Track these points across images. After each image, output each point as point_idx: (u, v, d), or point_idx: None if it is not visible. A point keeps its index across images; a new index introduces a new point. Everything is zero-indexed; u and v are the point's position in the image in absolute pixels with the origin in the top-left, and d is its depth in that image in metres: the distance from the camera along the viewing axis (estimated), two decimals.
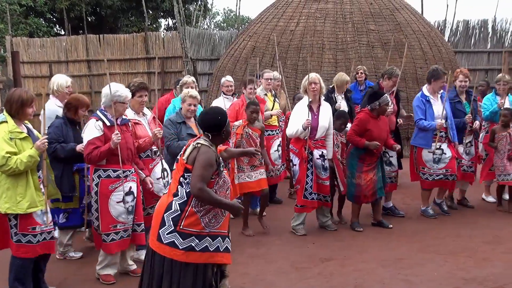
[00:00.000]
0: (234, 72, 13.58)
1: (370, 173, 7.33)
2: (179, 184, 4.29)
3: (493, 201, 8.76)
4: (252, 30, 14.27)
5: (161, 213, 4.29)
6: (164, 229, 4.23)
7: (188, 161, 4.24)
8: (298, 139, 7.22)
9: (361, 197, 7.41)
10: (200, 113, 4.60)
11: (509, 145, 8.13)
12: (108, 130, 5.52)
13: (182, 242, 4.20)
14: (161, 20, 28.15)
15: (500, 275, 5.85)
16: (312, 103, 7.24)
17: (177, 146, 6.43)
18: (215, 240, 4.31)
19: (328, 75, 12.48)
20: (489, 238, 7.06)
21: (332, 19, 13.37)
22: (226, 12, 42.94)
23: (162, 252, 4.23)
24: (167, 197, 4.35)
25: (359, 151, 7.33)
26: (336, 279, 5.84)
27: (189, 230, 4.22)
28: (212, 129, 4.38)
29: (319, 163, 7.18)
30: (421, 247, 6.78)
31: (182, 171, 4.28)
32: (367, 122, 7.24)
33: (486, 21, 17.86)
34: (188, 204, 4.23)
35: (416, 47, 13.17)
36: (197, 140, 4.35)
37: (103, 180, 5.54)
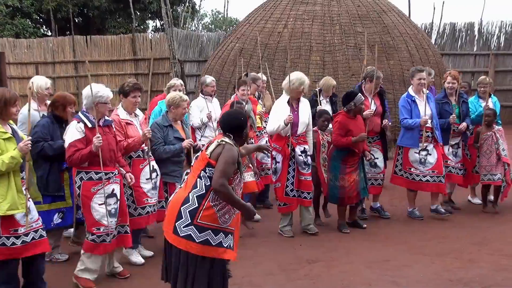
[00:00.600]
0: (221, 74, 13.57)
1: (353, 174, 7.37)
2: (198, 177, 4.38)
3: (479, 202, 8.80)
4: (239, 31, 14.27)
5: (177, 206, 4.35)
6: (180, 222, 4.31)
7: (212, 156, 4.34)
8: (280, 137, 7.25)
9: (345, 199, 7.42)
10: (222, 115, 4.73)
11: (495, 144, 8.17)
12: (89, 132, 5.47)
13: (199, 235, 4.28)
14: (148, 21, 28.06)
15: (486, 276, 5.88)
16: (291, 99, 7.24)
17: (163, 151, 6.44)
18: (227, 236, 4.41)
19: (315, 77, 12.50)
20: (475, 240, 7.10)
21: (319, 21, 13.38)
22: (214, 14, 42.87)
23: (178, 244, 4.32)
24: (184, 190, 4.41)
25: (341, 153, 7.37)
26: (323, 281, 5.84)
27: (206, 224, 4.30)
28: (234, 130, 4.51)
29: (301, 159, 7.22)
30: (408, 249, 6.80)
31: (203, 165, 4.38)
32: (347, 123, 7.30)
33: (473, 24, 18.01)
34: (206, 197, 4.33)
35: (403, 49, 13.22)
36: (221, 137, 4.46)
37: (85, 182, 5.50)
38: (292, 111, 7.19)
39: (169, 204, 4.49)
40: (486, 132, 8.23)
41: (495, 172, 8.14)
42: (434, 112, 7.87)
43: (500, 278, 5.82)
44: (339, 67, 12.70)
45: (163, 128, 6.54)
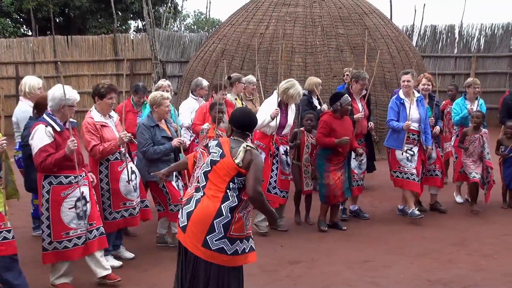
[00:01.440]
0: (203, 75, 13.52)
1: (338, 172, 7.42)
2: (228, 189, 4.20)
3: (461, 201, 8.89)
4: (221, 33, 14.26)
5: (209, 219, 4.15)
6: (213, 235, 4.14)
7: (243, 165, 4.18)
8: (264, 135, 7.35)
9: (330, 197, 7.47)
10: (236, 113, 4.56)
11: (481, 147, 8.25)
12: (58, 136, 5.35)
13: (231, 247, 4.18)
14: (130, 22, 27.98)
15: (465, 276, 5.93)
16: (282, 102, 7.38)
17: (153, 151, 6.43)
18: (248, 241, 4.34)
19: (297, 79, 12.35)
20: (454, 240, 7.16)
21: (301, 23, 13.43)
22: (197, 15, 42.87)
23: (209, 258, 4.16)
24: (212, 202, 4.18)
25: (326, 151, 7.42)
26: (304, 282, 5.85)
27: (237, 235, 4.21)
28: (249, 128, 4.45)
29: (284, 158, 7.40)
30: (388, 249, 6.84)
31: (231, 175, 4.19)
32: (331, 123, 7.35)
33: (453, 27, 18.18)
34: (237, 209, 4.21)
35: (385, 51, 13.31)
36: (244, 143, 4.31)
37: (55, 187, 5.35)
38: (281, 113, 7.31)
39: (197, 216, 4.20)
40: (474, 134, 8.30)
41: (478, 171, 8.22)
42: (423, 116, 7.90)
43: (479, 278, 5.88)
44: (321, 69, 12.75)
45: (150, 128, 6.52)
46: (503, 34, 17.87)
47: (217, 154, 4.27)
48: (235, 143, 4.31)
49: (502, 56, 17.68)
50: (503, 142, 8.56)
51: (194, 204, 4.24)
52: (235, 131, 4.41)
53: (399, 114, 7.87)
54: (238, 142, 4.31)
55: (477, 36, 18.14)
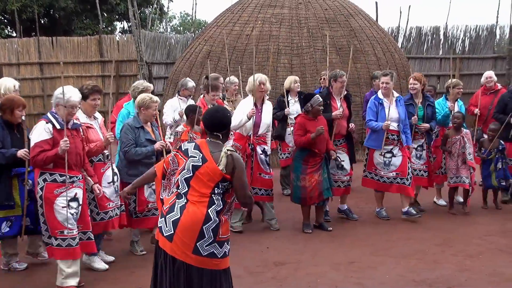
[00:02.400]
0: (189, 76, 13.48)
1: (315, 174, 7.43)
2: (213, 194, 4.15)
3: (444, 204, 8.92)
4: (207, 34, 14.24)
5: (197, 226, 4.08)
6: (203, 241, 4.10)
7: (227, 171, 4.13)
8: (241, 136, 7.44)
9: (307, 199, 7.49)
10: (208, 113, 4.44)
11: (462, 148, 8.29)
12: (57, 134, 5.40)
13: (220, 250, 4.18)
14: (116, 23, 27.86)
15: (450, 276, 5.96)
16: (256, 101, 7.48)
17: (134, 152, 6.40)
18: (229, 242, 4.35)
19: (283, 80, 12.49)
20: (439, 241, 7.19)
21: (287, 24, 13.44)
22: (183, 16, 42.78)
23: (201, 264, 4.13)
24: (199, 208, 4.10)
25: (302, 153, 7.46)
26: (290, 283, 5.85)
27: (225, 237, 4.22)
28: (223, 128, 4.34)
29: (263, 158, 7.49)
30: (374, 250, 6.86)
31: (215, 181, 4.13)
32: (304, 124, 7.40)
33: (438, 28, 18.24)
34: (222, 212, 4.19)
35: (370, 52, 13.35)
36: (225, 147, 4.22)
37: (49, 184, 5.41)
38: (257, 112, 7.39)
39: (185, 223, 4.09)
40: (455, 136, 8.34)
41: (461, 175, 8.26)
42: (402, 116, 7.94)
43: (463, 278, 5.91)
44: (307, 70, 12.77)
45: (134, 129, 6.48)
46: (488, 35, 17.97)
47: (197, 158, 4.18)
48: (213, 146, 4.24)
49: (486, 58, 17.77)
50: (484, 145, 8.62)
51: (179, 211, 4.14)
52: (209, 133, 4.35)
53: (378, 114, 7.91)
54: (217, 145, 4.24)
55: (462, 37, 18.21)
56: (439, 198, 9.10)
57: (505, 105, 8.94)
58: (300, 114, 7.66)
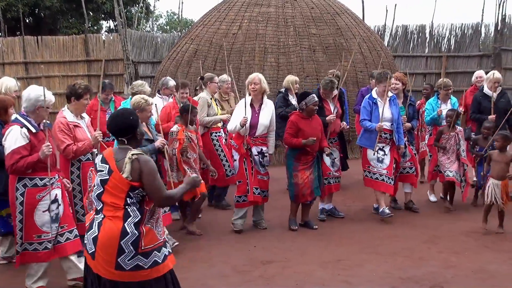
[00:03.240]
0: (176, 75, 13.45)
1: (307, 171, 7.46)
2: (126, 205, 3.96)
3: (435, 200, 8.98)
4: (194, 33, 14.21)
5: (115, 242, 3.90)
6: (124, 256, 3.91)
7: (133, 178, 3.92)
8: (239, 136, 7.39)
9: (299, 196, 7.52)
10: (109, 118, 4.23)
11: (457, 145, 8.34)
12: (34, 137, 5.29)
13: (147, 261, 3.98)
14: (102, 22, 27.71)
15: (436, 274, 5.99)
16: (253, 101, 7.43)
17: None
18: (166, 246, 4.18)
19: (270, 79, 12.56)
20: (425, 238, 7.22)
21: (274, 23, 13.44)
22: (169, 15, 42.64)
23: (127, 278, 3.95)
24: (114, 223, 3.93)
25: (294, 151, 7.48)
26: (277, 282, 5.85)
27: (151, 247, 4.01)
28: (127, 132, 4.09)
29: (257, 159, 7.42)
30: (361, 248, 6.88)
31: (125, 191, 3.94)
32: (298, 122, 7.39)
33: (424, 27, 18.34)
34: (142, 222, 3.99)
35: (357, 51, 13.38)
36: (129, 152, 3.97)
37: (30, 189, 5.28)
38: (253, 113, 7.34)
39: (102, 240, 3.94)
40: (450, 132, 8.38)
41: (452, 169, 8.31)
42: (395, 115, 7.96)
43: (449, 275, 5.94)
44: (293, 69, 12.77)
45: None
46: (473, 34, 18.09)
47: (104, 171, 4.01)
48: (120, 153, 4.04)
49: (472, 56, 17.89)
50: (479, 143, 8.62)
51: (97, 228, 3.99)
52: (116, 139, 4.17)
53: (372, 113, 7.93)
54: (124, 151, 4.02)
55: (448, 36, 18.32)
56: (432, 193, 9.14)
57: (479, 104, 9.00)
58: (295, 112, 7.64)
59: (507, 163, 7.34)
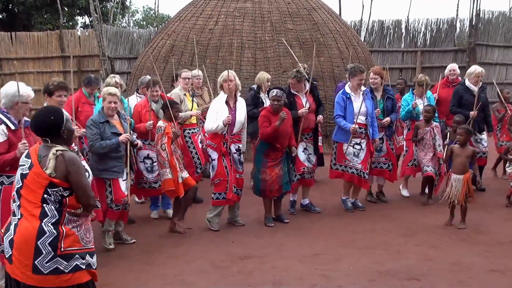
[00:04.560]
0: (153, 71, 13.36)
1: (275, 168, 7.47)
2: (43, 202, 3.79)
3: (407, 195, 9.05)
4: (170, 28, 14.12)
5: (31, 242, 3.73)
6: (41, 258, 3.73)
7: (57, 175, 3.78)
8: (216, 134, 7.30)
9: (266, 192, 7.55)
10: (32, 117, 4.09)
11: (433, 139, 8.42)
12: (12, 134, 5.20)
13: (67, 264, 3.80)
14: (77, 17, 27.43)
15: (413, 266, 6.05)
16: (228, 99, 7.38)
17: (99, 146, 6.40)
18: (92, 256, 4.02)
19: (247, 74, 12.57)
20: (402, 232, 7.29)
21: (250, 18, 13.42)
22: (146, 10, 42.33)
23: (46, 283, 3.76)
24: (31, 223, 3.76)
25: (264, 147, 7.49)
26: (256, 277, 5.86)
27: (71, 250, 3.84)
28: (49, 132, 3.91)
29: (236, 157, 7.41)
30: (339, 242, 6.91)
31: (43, 187, 3.78)
32: (268, 117, 7.41)
33: (400, 22, 18.50)
34: (61, 222, 3.82)
35: (333, 46, 13.42)
36: (53, 148, 3.84)
37: (7, 187, 5.16)
38: (230, 111, 7.29)
39: (17, 244, 3.76)
40: (425, 128, 8.46)
41: (429, 164, 8.39)
42: (369, 109, 8.00)
43: (426, 268, 6.00)
44: (270, 64, 12.78)
45: (99, 124, 6.51)
46: (448, 28, 18.28)
47: (26, 166, 3.89)
48: (44, 149, 3.90)
49: (447, 51, 18.09)
50: (450, 136, 8.72)
51: (13, 230, 3.83)
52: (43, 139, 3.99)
53: (346, 108, 7.96)
54: (48, 148, 3.88)
55: (423, 31, 18.50)
56: (404, 188, 9.20)
57: (460, 98, 9.08)
58: (265, 108, 7.67)
59: (467, 157, 7.39)
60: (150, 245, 6.90)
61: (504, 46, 17.74)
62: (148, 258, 6.44)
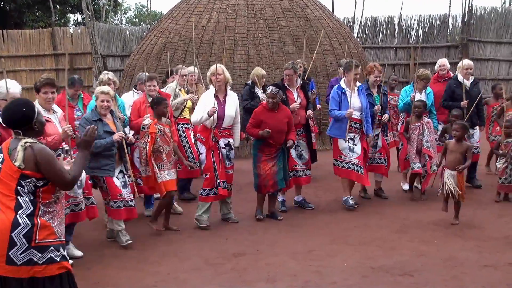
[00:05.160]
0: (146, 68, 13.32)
1: (269, 163, 7.49)
2: (17, 195, 3.80)
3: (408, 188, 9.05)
4: (163, 25, 14.09)
5: (5, 233, 3.74)
6: (16, 249, 3.74)
7: (27, 166, 3.77)
8: (205, 128, 7.29)
9: (261, 187, 7.57)
10: (2, 110, 4.06)
11: (421, 135, 8.43)
12: (4, 131, 5.21)
13: (41, 256, 3.82)
14: (69, 15, 27.30)
15: (406, 262, 6.06)
16: (218, 93, 7.34)
17: (93, 145, 6.26)
18: (64, 248, 4.03)
19: (240, 71, 12.56)
20: (395, 227, 7.30)
21: (243, 15, 13.40)
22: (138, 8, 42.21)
23: (18, 274, 3.77)
24: (5, 214, 3.77)
25: (259, 142, 7.53)
26: (249, 274, 5.85)
27: (46, 242, 3.85)
28: (20, 124, 3.90)
29: (224, 152, 7.37)
30: (332, 239, 6.92)
31: (15, 179, 3.79)
32: (261, 114, 7.42)
33: (393, 18, 18.51)
34: (36, 214, 3.83)
35: (326, 43, 13.43)
36: (22, 140, 3.83)
37: None
38: (219, 104, 7.25)
39: None
40: (415, 123, 8.48)
41: (416, 161, 8.41)
42: (364, 105, 8.02)
43: (419, 263, 6.01)
44: (264, 61, 12.77)
45: (92, 122, 6.38)
46: (441, 25, 18.31)
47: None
48: (14, 142, 3.89)
49: (440, 47, 18.12)
50: (448, 131, 8.71)
51: None
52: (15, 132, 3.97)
53: (341, 103, 7.97)
54: (18, 141, 3.87)
55: (416, 27, 18.52)
56: (405, 182, 9.21)
57: (452, 92, 9.10)
58: (262, 103, 7.67)
59: (462, 153, 7.37)
60: (143, 243, 6.88)
61: (496, 42, 17.79)
62: (142, 256, 6.43)
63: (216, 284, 5.62)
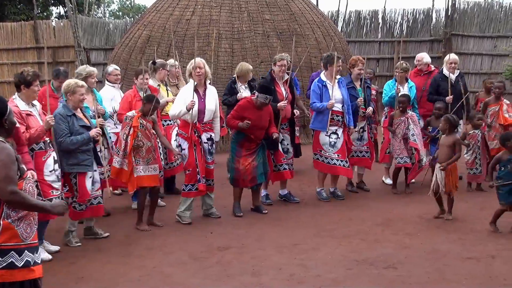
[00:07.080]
0: (129, 62, 13.28)
1: (249, 158, 7.50)
2: None
3: (390, 182, 9.09)
4: (147, 19, 14.00)
5: None
6: None
7: None
8: (186, 123, 7.24)
9: (239, 181, 7.57)
10: None
11: (406, 129, 8.48)
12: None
13: (1, 260, 3.67)
14: (51, 8, 27.01)
15: (390, 255, 6.10)
16: (198, 86, 7.30)
17: (70, 142, 6.25)
18: (33, 253, 3.84)
19: (225, 65, 12.52)
20: (379, 220, 7.35)
21: (227, 9, 13.35)
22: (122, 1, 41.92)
23: None
24: None
25: (239, 136, 7.53)
26: (234, 267, 5.86)
27: (7, 246, 3.69)
28: None
29: (206, 147, 7.34)
30: (317, 232, 6.94)
31: None
32: (245, 109, 7.41)
33: (377, 12, 18.53)
34: None
35: (310, 36, 13.43)
36: None
37: None
38: (199, 98, 7.22)
39: None
40: (400, 117, 8.53)
41: (403, 155, 8.46)
42: (345, 97, 8.05)
43: (403, 256, 6.06)
44: (248, 55, 12.75)
45: (66, 118, 6.31)
46: (424, 19, 18.37)
47: None
48: None
49: (423, 41, 18.18)
50: (431, 123, 8.77)
51: None
52: None
53: (322, 96, 8.00)
54: None
55: (400, 21, 18.57)
56: (387, 177, 9.28)
57: (437, 86, 9.17)
58: (247, 98, 7.67)
59: (449, 146, 7.36)
60: (128, 237, 6.87)
61: (479, 36, 17.88)
62: (126, 250, 6.41)
63: (201, 278, 5.62)
